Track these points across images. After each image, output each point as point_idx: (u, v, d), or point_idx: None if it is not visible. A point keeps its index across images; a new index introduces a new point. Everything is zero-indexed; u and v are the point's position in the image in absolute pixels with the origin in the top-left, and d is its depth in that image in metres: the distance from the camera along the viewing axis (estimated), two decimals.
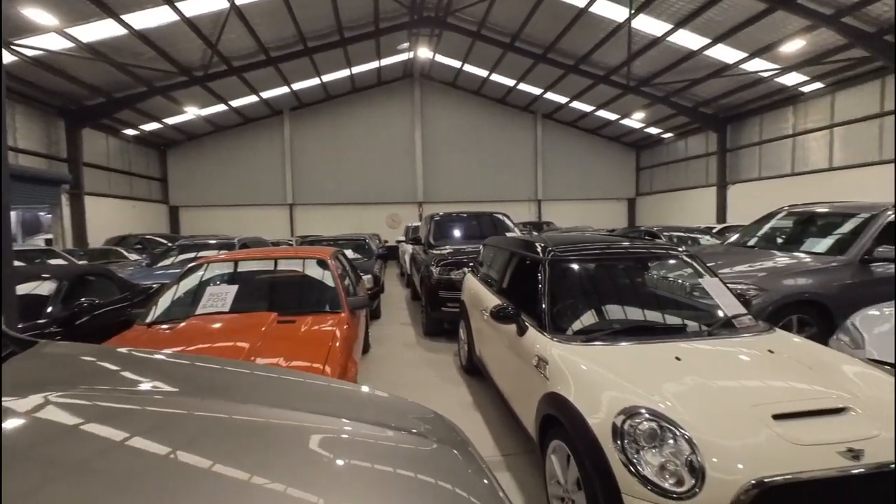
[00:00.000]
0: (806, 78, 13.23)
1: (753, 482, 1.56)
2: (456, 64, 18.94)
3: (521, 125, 21.88)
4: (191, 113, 17.05)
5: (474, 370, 4.31)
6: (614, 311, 2.82)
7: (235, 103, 17.90)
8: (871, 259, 4.46)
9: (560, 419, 2.08)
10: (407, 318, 7.61)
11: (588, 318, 2.70)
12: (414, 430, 1.27)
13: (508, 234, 6.82)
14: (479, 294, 4.10)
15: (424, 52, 17.58)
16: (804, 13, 10.20)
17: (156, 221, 19.54)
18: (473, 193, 21.17)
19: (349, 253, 8.09)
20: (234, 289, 3.45)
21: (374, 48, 16.64)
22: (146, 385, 1.38)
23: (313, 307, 3.58)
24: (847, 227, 4.97)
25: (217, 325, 3.12)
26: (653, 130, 20.21)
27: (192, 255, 7.61)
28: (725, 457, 1.64)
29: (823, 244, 5.04)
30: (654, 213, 21.44)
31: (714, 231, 10.59)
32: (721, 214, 16.89)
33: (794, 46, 11.37)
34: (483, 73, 18.93)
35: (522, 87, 19.14)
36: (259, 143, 20.80)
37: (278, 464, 0.94)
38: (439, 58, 18.81)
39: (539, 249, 3.10)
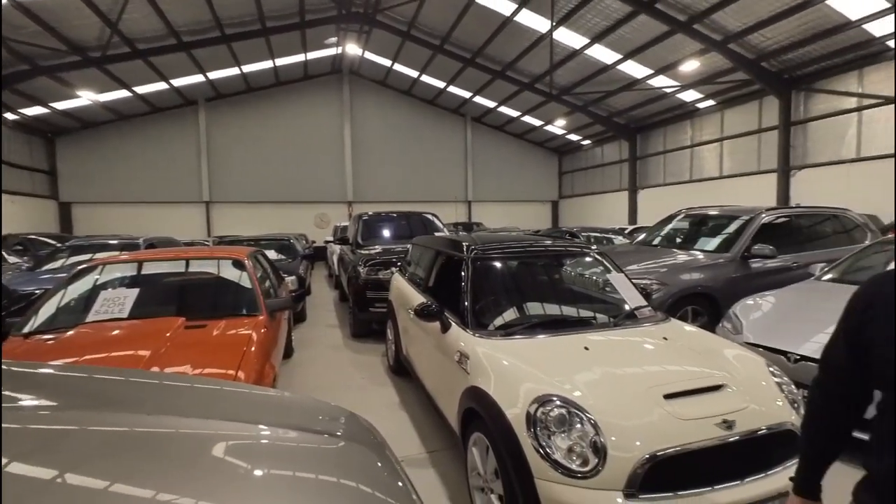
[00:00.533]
0: (701, 96, 14.84)
1: (647, 456, 1.73)
2: (386, 62, 18.78)
3: (452, 127, 22.23)
4: (86, 98, 15.21)
5: (402, 370, 4.30)
6: (532, 306, 2.97)
7: (141, 90, 16.27)
8: (749, 255, 5.11)
9: (480, 412, 2.14)
10: (334, 319, 7.40)
11: (507, 314, 2.82)
12: (326, 431, 1.24)
13: (437, 234, 6.88)
14: (406, 293, 4.10)
15: (353, 49, 17.23)
16: (699, 38, 11.44)
17: (42, 219, 17.16)
18: (404, 193, 21.12)
19: (272, 254, 7.71)
20: (133, 292, 3.14)
21: (300, 41, 15.99)
22: (28, 401, 1.22)
23: (228, 310, 3.36)
24: (731, 227, 5.64)
25: (113, 333, 2.82)
26: (573, 137, 21.51)
27: (88, 257, 6.79)
28: (624, 436, 1.79)
29: (713, 243, 5.68)
30: (575, 215, 22.81)
31: (626, 232, 11.50)
32: (632, 216, 18.41)
33: (690, 67, 12.70)
34: (413, 73, 18.95)
35: (452, 89, 19.45)
36: (170, 135, 19.10)
37: (186, 476, 0.89)
38: (369, 55, 18.53)
39: (462, 248, 3.17)
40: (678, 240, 6.28)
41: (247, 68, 17.05)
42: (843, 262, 4.31)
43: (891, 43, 10.14)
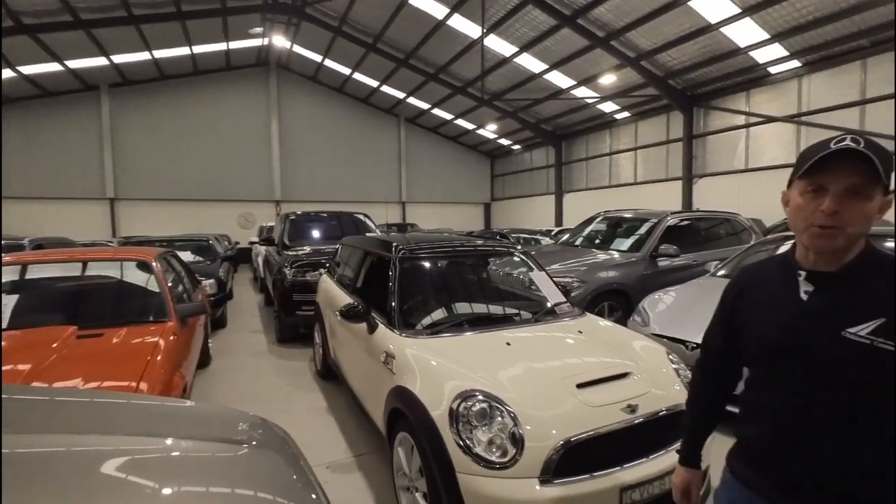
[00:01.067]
0: (617, 107, 16.02)
1: (561, 442, 1.83)
2: (316, 58, 18.17)
3: (385, 127, 22.01)
4: None
5: (329, 374, 4.18)
6: (458, 305, 3.02)
7: (29, 70, 14.31)
8: (657, 254, 5.60)
9: (405, 411, 2.14)
10: (259, 325, 7.02)
11: (432, 312, 2.84)
12: (235, 440, 1.18)
13: (368, 235, 6.78)
14: (333, 295, 3.99)
15: (281, 41, 16.47)
16: (615, 53, 12.35)
17: None
18: (336, 193, 20.55)
19: (187, 256, 7.16)
20: (11, 299, 2.75)
21: (222, 28, 14.98)
22: None
23: (131, 317, 3.05)
24: (642, 229, 6.14)
25: None
26: (504, 142, 22.23)
27: None
28: (540, 425, 1.88)
29: (627, 243, 6.15)
30: (506, 217, 23.58)
31: (552, 233, 12.11)
32: (559, 219, 19.41)
33: (608, 80, 13.66)
34: (346, 70, 18.52)
35: (385, 89, 19.28)
36: (67, 123, 16.97)
37: (77, 496, 0.83)
38: (298, 49, 17.82)
39: (390, 248, 3.16)
40: (597, 240, 6.71)
41: (159, 54, 15.64)
42: (732, 260, 4.87)
43: (771, 69, 11.65)
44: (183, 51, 15.93)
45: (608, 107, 16.09)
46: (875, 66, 10.10)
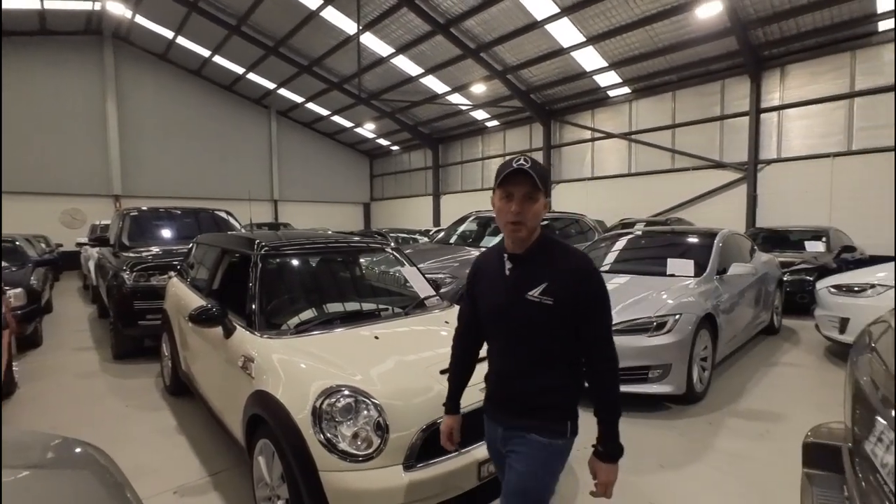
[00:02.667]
0: (488, 116, 17.16)
1: (424, 426, 1.90)
2: (167, 34, 15.93)
3: (254, 119, 20.29)
4: None
5: (181, 389, 3.72)
6: (325, 302, 2.94)
7: None
8: None
9: (264, 416, 2.01)
10: (89, 341, 5.90)
11: (298, 311, 2.72)
12: (8, 464, 0.98)
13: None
14: (185, 300, 3.55)
15: (117, 8, 14.06)
16: (485, 65, 13.22)
17: None
18: (195, 189, 18.29)
19: None
20: None
21: None
22: None
23: None
24: None
25: None
26: (383, 142, 22.19)
27: None
28: (405, 413, 1.92)
29: (495, 241, 6.61)
30: (386, 217, 23.55)
31: (430, 233, 12.47)
32: (437, 219, 20.06)
33: (479, 89, 14.55)
34: (204, 52, 16.60)
35: (253, 77, 17.78)
36: None
37: None
38: (142, 21, 15.42)
39: (251, 245, 2.93)
40: (469, 239, 7.11)
41: None
42: None
43: (610, 92, 13.63)
44: None
45: (480, 114, 17.14)
46: (681, 98, 12.52)
